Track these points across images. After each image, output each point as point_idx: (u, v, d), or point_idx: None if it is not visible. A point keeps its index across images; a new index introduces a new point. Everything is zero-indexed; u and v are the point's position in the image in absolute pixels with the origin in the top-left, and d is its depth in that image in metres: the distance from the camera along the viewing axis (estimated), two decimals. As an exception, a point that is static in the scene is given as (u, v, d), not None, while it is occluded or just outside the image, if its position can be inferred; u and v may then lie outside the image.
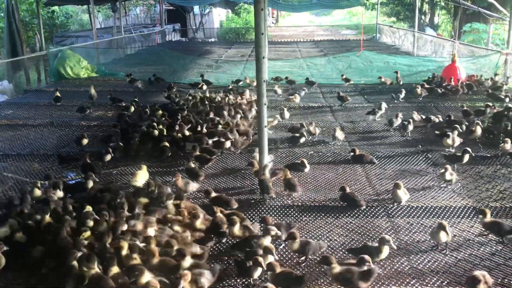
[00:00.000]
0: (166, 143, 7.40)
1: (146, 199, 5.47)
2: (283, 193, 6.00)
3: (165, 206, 5.27)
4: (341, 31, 37.22)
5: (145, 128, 8.16)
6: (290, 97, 11.14)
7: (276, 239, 4.64)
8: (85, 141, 7.81)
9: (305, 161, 6.70)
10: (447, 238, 4.57)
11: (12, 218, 4.88)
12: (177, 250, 4.22)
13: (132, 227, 4.76)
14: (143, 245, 4.36)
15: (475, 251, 4.63)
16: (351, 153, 7.20)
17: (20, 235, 4.65)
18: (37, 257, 4.36)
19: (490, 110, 8.91)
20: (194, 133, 8.01)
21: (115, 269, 4.02)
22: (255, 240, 4.49)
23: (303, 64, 17.32)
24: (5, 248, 4.30)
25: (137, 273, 3.87)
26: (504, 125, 7.96)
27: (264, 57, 5.70)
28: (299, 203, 5.78)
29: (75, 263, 4.05)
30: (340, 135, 8.00)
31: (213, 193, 5.66)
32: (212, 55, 21.64)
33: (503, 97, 10.33)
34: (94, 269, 3.95)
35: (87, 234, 4.63)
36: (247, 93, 10.98)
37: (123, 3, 28.03)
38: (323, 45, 25.22)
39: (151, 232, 4.67)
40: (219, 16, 37.95)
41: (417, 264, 4.44)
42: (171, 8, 33.02)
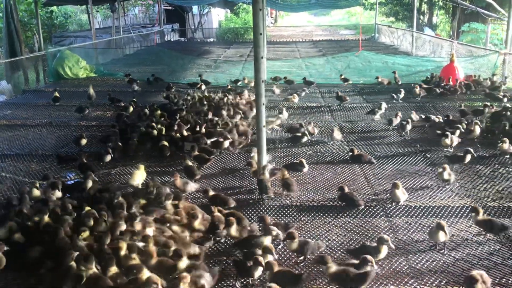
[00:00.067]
0: (165, 143, 7.40)
1: (144, 200, 5.47)
2: (281, 193, 6.00)
3: (164, 206, 5.27)
4: (340, 31, 37.24)
5: (143, 128, 8.17)
6: (289, 97, 11.14)
7: (275, 239, 4.65)
8: (84, 141, 7.81)
9: (303, 161, 6.71)
10: (445, 238, 4.58)
11: (11, 219, 4.88)
12: (173, 250, 4.22)
13: (131, 227, 4.76)
14: (142, 245, 4.36)
15: (473, 251, 4.64)
16: (350, 153, 7.20)
17: (19, 235, 4.65)
18: (36, 257, 4.36)
19: (488, 110, 8.93)
20: (192, 133, 8.01)
21: (113, 269, 4.02)
22: (255, 239, 4.49)
23: (301, 64, 17.33)
24: (6, 248, 4.30)
25: (135, 271, 3.87)
26: (503, 124, 7.98)
27: (262, 57, 5.72)
28: (298, 203, 5.78)
29: (73, 264, 4.05)
30: (338, 135, 8.02)
31: (211, 192, 5.67)
32: (211, 55, 21.65)
33: (501, 97, 10.35)
34: (92, 269, 3.96)
35: (85, 234, 4.63)
36: (245, 93, 10.98)
37: (121, 3, 27.99)
38: (321, 45, 25.25)
39: (149, 232, 4.67)
40: (218, 16, 37.95)
41: (415, 263, 4.44)
42: (170, 8, 33.02)
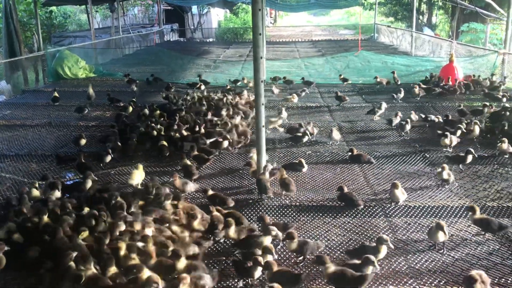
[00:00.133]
0: (164, 143, 7.40)
1: (143, 200, 5.46)
2: (280, 193, 6.01)
3: (163, 206, 5.27)
4: (339, 31, 37.26)
5: (143, 128, 8.16)
6: (288, 97, 11.14)
7: (274, 238, 4.65)
8: (83, 141, 7.81)
9: (303, 161, 6.71)
10: (444, 238, 4.58)
11: (10, 220, 4.88)
12: (172, 251, 4.22)
13: (130, 227, 4.76)
14: (141, 245, 4.36)
15: (472, 251, 4.65)
16: (349, 153, 7.20)
17: (18, 236, 4.64)
18: (35, 257, 4.36)
19: (487, 109, 8.93)
20: (192, 133, 8.01)
21: (113, 269, 4.02)
22: (255, 239, 4.49)
23: (301, 64, 17.34)
24: (6, 248, 4.30)
25: (135, 271, 3.86)
26: (502, 124, 7.98)
27: (262, 57, 5.72)
28: (297, 203, 5.78)
29: (71, 264, 4.05)
30: (337, 135, 8.00)
31: (210, 191, 5.68)
32: (210, 55, 21.65)
33: (500, 96, 10.36)
34: (91, 269, 3.95)
35: (85, 234, 4.63)
36: (245, 93, 10.98)
37: (121, 3, 27.99)
38: (321, 45, 25.25)
39: (148, 232, 4.66)
40: (217, 16, 37.95)
41: (414, 263, 4.45)
42: (169, 8, 33.00)
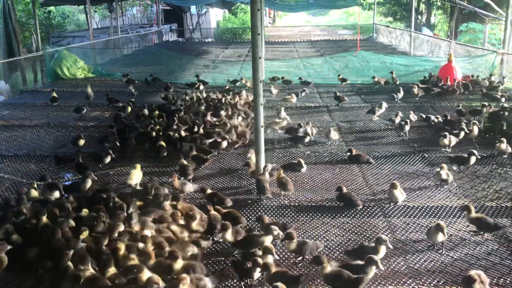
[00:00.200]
0: (162, 143, 7.40)
1: (142, 201, 5.45)
2: (279, 193, 6.00)
3: (162, 207, 5.27)
4: (338, 31, 37.28)
5: (142, 129, 8.15)
6: (287, 97, 11.14)
7: (275, 238, 4.63)
8: (82, 141, 7.80)
9: (301, 161, 6.70)
10: (443, 238, 4.59)
11: (9, 221, 4.87)
12: (169, 252, 4.21)
13: (129, 227, 4.75)
14: (141, 246, 4.35)
15: (471, 251, 4.65)
16: (348, 153, 7.20)
17: (16, 236, 4.63)
18: (34, 257, 4.35)
19: (486, 110, 8.94)
20: (191, 133, 8.01)
21: (112, 270, 4.01)
22: (256, 239, 4.48)
23: (300, 64, 17.33)
24: (9, 247, 4.30)
25: (136, 270, 3.86)
26: (501, 124, 7.99)
27: (260, 57, 5.71)
28: (296, 203, 5.78)
29: (69, 263, 4.04)
30: (334, 135, 7.96)
31: (208, 190, 5.70)
32: (209, 55, 21.64)
33: (499, 97, 10.37)
34: (89, 270, 3.94)
35: (85, 234, 4.62)
36: (243, 93, 10.98)
37: (119, 3, 28.00)
38: (320, 45, 25.25)
39: (147, 233, 4.65)
40: (216, 16, 37.96)
41: (413, 263, 4.45)
42: (168, 8, 32.96)
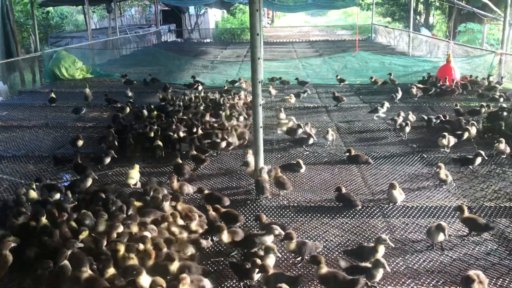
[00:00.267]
0: (159, 143, 7.39)
1: (141, 202, 5.45)
2: (278, 193, 6.00)
3: (162, 208, 5.26)
4: (337, 32, 37.32)
5: (141, 130, 8.14)
6: (286, 98, 11.14)
7: (277, 238, 4.62)
8: (80, 142, 7.80)
9: (300, 161, 6.70)
10: (443, 239, 4.59)
11: (10, 221, 4.87)
12: (166, 253, 4.20)
13: (127, 228, 4.74)
14: (141, 246, 4.34)
15: (470, 251, 4.66)
16: (347, 154, 7.21)
17: (13, 238, 4.60)
18: (33, 258, 4.34)
19: (485, 110, 8.95)
20: (189, 134, 8.00)
21: (111, 271, 4.00)
22: (256, 238, 4.47)
23: (298, 64, 17.34)
24: (13, 244, 4.30)
25: (135, 273, 3.85)
26: (499, 125, 7.99)
27: (259, 58, 5.71)
28: (295, 204, 5.78)
29: (66, 263, 4.04)
30: (330, 136, 7.92)
31: (206, 191, 5.70)
32: (207, 55, 21.64)
33: (497, 97, 10.39)
34: (86, 272, 3.93)
35: (85, 234, 4.61)
36: (242, 93, 10.97)
37: (118, 3, 27.98)
38: (318, 45, 25.27)
39: (146, 234, 4.64)
40: (214, 16, 37.94)
41: (412, 264, 4.45)
42: (166, 8, 32.96)
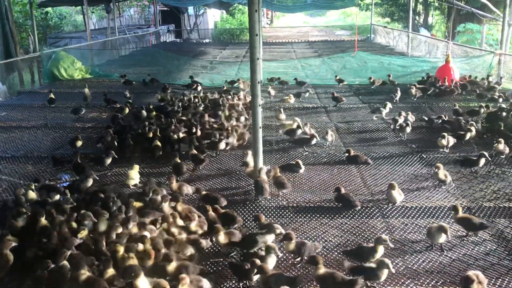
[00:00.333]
0: (158, 143, 7.38)
1: (140, 202, 5.44)
2: (278, 194, 6.00)
3: (161, 208, 5.26)
4: (336, 32, 37.33)
5: (140, 130, 8.14)
6: (285, 98, 11.14)
7: (277, 238, 4.62)
8: (79, 142, 7.79)
9: (300, 162, 6.70)
10: (444, 239, 4.59)
11: (9, 221, 4.86)
12: (164, 254, 4.20)
13: (126, 229, 4.74)
14: (140, 247, 4.34)
15: (469, 251, 4.66)
16: (346, 154, 7.21)
17: (11, 238, 4.60)
18: (33, 258, 4.33)
19: (484, 110, 8.95)
20: (188, 134, 7.99)
21: (110, 271, 4.00)
22: (258, 237, 4.47)
23: (297, 65, 17.34)
24: (14, 244, 4.29)
25: (133, 275, 3.84)
26: (498, 125, 7.99)
27: (258, 58, 5.71)
28: (294, 204, 5.78)
29: (65, 263, 4.03)
30: (330, 136, 7.91)
31: (203, 192, 5.71)
32: (206, 56, 21.64)
33: (496, 97, 10.39)
34: (85, 274, 3.92)
35: (84, 233, 4.60)
36: (241, 94, 10.97)
37: (117, 4, 27.97)
38: (317, 45, 25.27)
39: (145, 234, 4.64)
40: (213, 17, 37.91)
41: (411, 264, 4.45)
42: (165, 9, 32.94)
